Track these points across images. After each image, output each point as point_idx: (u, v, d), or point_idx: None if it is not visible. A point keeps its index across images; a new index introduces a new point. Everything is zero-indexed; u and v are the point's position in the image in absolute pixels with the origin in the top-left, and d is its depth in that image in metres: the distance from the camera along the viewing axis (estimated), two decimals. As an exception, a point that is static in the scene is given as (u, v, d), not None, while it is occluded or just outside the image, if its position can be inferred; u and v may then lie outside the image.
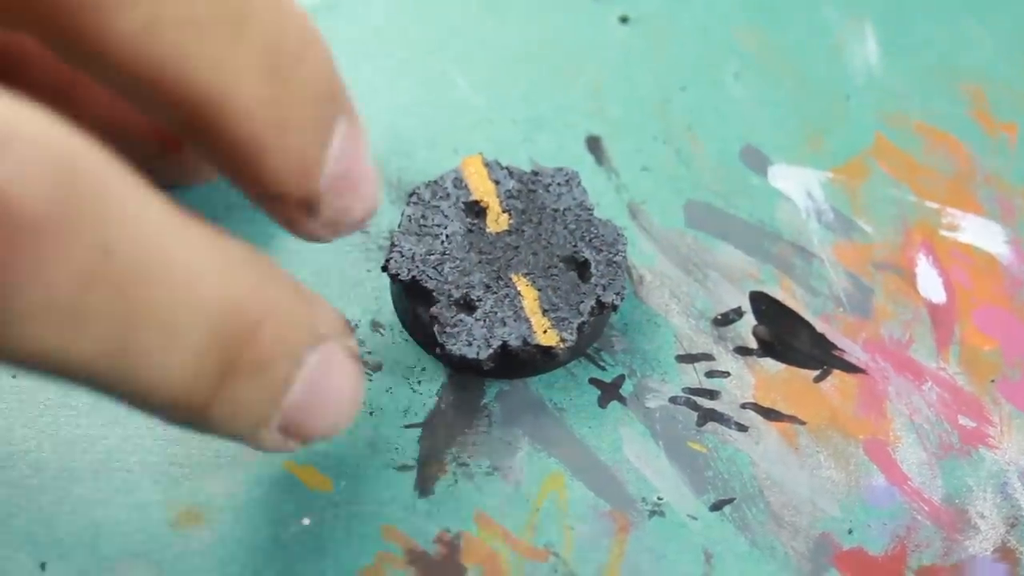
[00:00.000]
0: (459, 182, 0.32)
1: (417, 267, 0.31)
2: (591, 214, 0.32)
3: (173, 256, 0.21)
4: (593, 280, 0.31)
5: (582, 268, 0.32)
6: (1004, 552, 0.30)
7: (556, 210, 0.32)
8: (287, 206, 0.25)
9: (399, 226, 0.31)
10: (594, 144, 0.36)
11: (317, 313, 0.24)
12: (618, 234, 0.32)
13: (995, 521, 0.30)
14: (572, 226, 0.32)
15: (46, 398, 0.30)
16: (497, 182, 0.33)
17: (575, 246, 0.32)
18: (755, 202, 0.36)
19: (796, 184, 0.36)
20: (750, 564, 0.29)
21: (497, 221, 0.32)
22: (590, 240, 0.32)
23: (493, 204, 0.32)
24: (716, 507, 0.30)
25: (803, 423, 0.32)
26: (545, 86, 0.37)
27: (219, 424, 0.23)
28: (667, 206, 0.35)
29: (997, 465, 0.31)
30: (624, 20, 0.39)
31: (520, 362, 0.31)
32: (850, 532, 0.30)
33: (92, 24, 0.21)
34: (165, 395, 0.22)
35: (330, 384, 0.24)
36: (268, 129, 0.23)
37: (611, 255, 0.32)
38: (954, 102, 0.38)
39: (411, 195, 0.32)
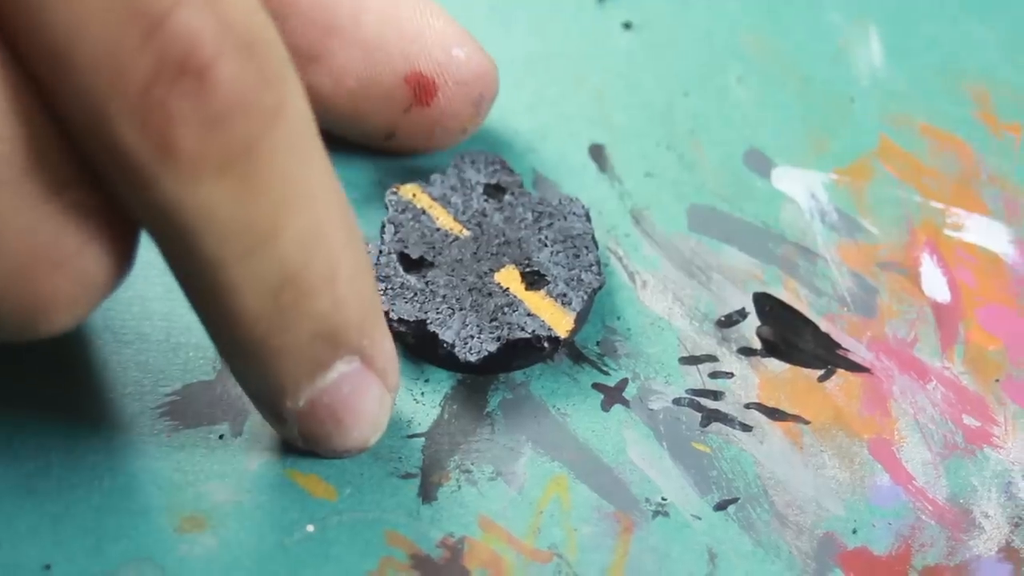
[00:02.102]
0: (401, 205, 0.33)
1: (417, 323, 0.31)
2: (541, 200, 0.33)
3: None
4: (563, 269, 0.32)
5: (546, 264, 0.32)
6: (1009, 552, 0.30)
7: (502, 206, 0.33)
8: (257, 403, 0.27)
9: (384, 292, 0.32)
10: (597, 152, 0.36)
11: None
12: (574, 212, 0.33)
13: (1000, 521, 0.30)
14: (529, 217, 0.33)
15: (52, 401, 0.30)
16: (437, 197, 0.33)
17: (537, 239, 0.32)
18: (759, 204, 0.36)
19: (800, 186, 0.36)
20: (754, 564, 0.29)
21: (460, 233, 0.33)
22: (548, 225, 0.33)
23: (446, 219, 0.33)
24: (720, 507, 0.30)
25: (807, 423, 0.32)
26: (548, 93, 0.38)
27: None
28: (670, 211, 0.35)
29: (1002, 465, 0.31)
30: (627, 26, 0.40)
31: (522, 352, 0.31)
32: (854, 532, 0.30)
33: (137, 181, 0.22)
34: None
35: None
36: (250, 339, 0.24)
37: (573, 238, 0.32)
38: (959, 103, 0.38)
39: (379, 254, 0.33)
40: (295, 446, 0.29)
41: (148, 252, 0.24)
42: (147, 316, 0.32)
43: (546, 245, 0.32)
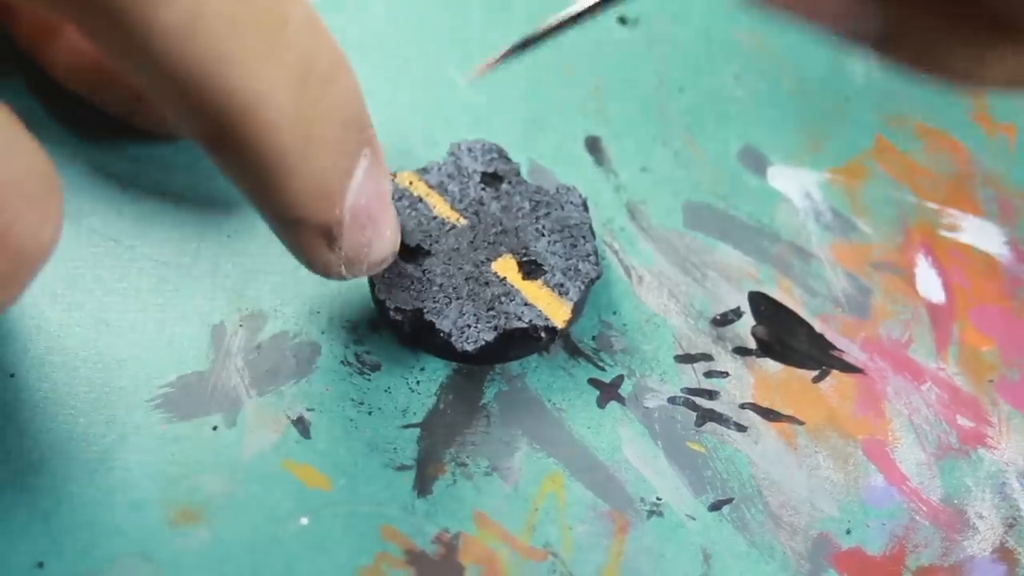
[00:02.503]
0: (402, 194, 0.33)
1: (414, 311, 0.31)
2: (538, 188, 0.33)
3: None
4: (560, 260, 0.32)
5: (544, 254, 0.32)
6: (1003, 552, 0.30)
7: (499, 195, 0.33)
8: (307, 232, 0.25)
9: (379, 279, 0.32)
10: (593, 144, 0.36)
11: None
12: (571, 201, 0.33)
13: (993, 521, 0.30)
14: (526, 206, 0.33)
15: (44, 397, 0.30)
16: (434, 185, 0.33)
17: (535, 228, 0.32)
18: (754, 202, 0.36)
19: (795, 184, 0.36)
20: (748, 564, 0.29)
21: (458, 221, 0.32)
22: (545, 215, 0.32)
23: (443, 207, 0.32)
24: (715, 507, 0.30)
25: (802, 423, 0.32)
26: (545, 86, 0.37)
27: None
28: (666, 206, 0.35)
29: (995, 465, 0.31)
30: (623, 21, 0.39)
31: (519, 342, 0.31)
32: (848, 532, 0.30)
33: (138, 13, 0.21)
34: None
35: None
36: (295, 144, 0.23)
37: (570, 227, 0.32)
38: (953, 104, 0.38)
39: None
40: (333, 275, 0.27)
41: (144, 246, 0.24)
42: (141, 308, 0.31)
43: (543, 235, 0.32)
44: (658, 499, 0.30)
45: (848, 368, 0.33)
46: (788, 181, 0.36)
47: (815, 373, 0.33)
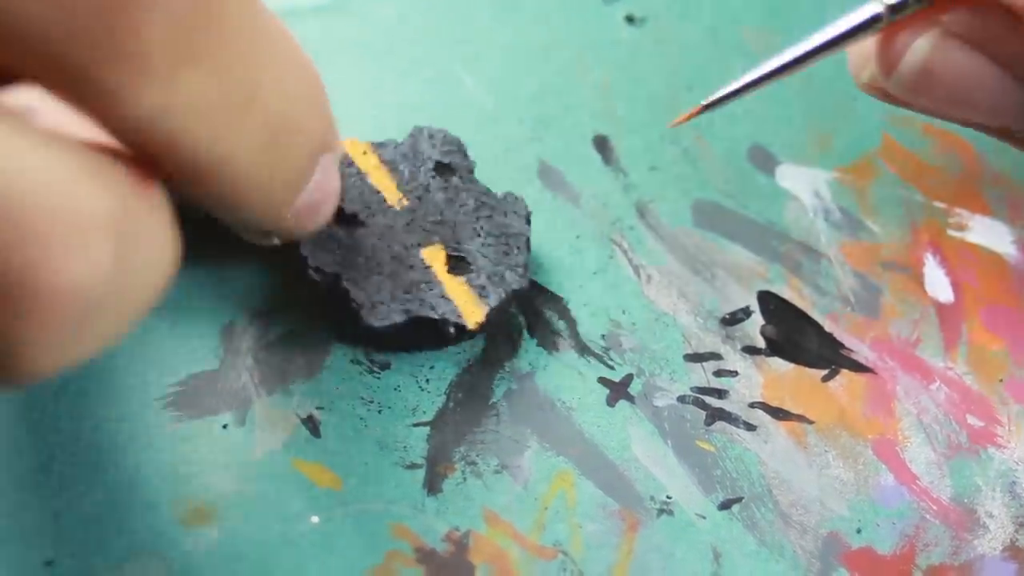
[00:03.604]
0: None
1: (333, 275, 0.31)
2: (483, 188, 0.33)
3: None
4: (490, 262, 0.32)
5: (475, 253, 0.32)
6: (1013, 551, 0.30)
7: (447, 187, 0.33)
8: (251, 231, 0.27)
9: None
10: (602, 143, 0.36)
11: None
12: (516, 211, 0.33)
13: (1004, 520, 0.30)
14: (471, 204, 0.33)
15: (53, 395, 0.30)
16: (386, 160, 0.33)
17: (472, 227, 0.32)
18: (763, 202, 0.36)
19: (803, 184, 0.36)
20: (759, 563, 0.29)
21: (399, 201, 0.32)
22: (487, 217, 0.32)
23: (388, 185, 0.32)
24: (724, 506, 0.30)
25: (811, 422, 0.32)
26: (553, 85, 0.37)
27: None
28: (675, 205, 0.35)
29: (1006, 464, 0.31)
30: (631, 20, 0.39)
31: (427, 332, 0.31)
32: (859, 531, 0.30)
33: (107, 102, 0.21)
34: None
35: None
36: (256, 189, 0.24)
37: (508, 235, 0.32)
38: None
39: None
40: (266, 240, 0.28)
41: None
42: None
43: (479, 235, 0.32)
44: (668, 498, 0.30)
45: (858, 367, 0.33)
46: (797, 180, 0.36)
47: (825, 372, 0.33)
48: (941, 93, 0.30)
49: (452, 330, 0.31)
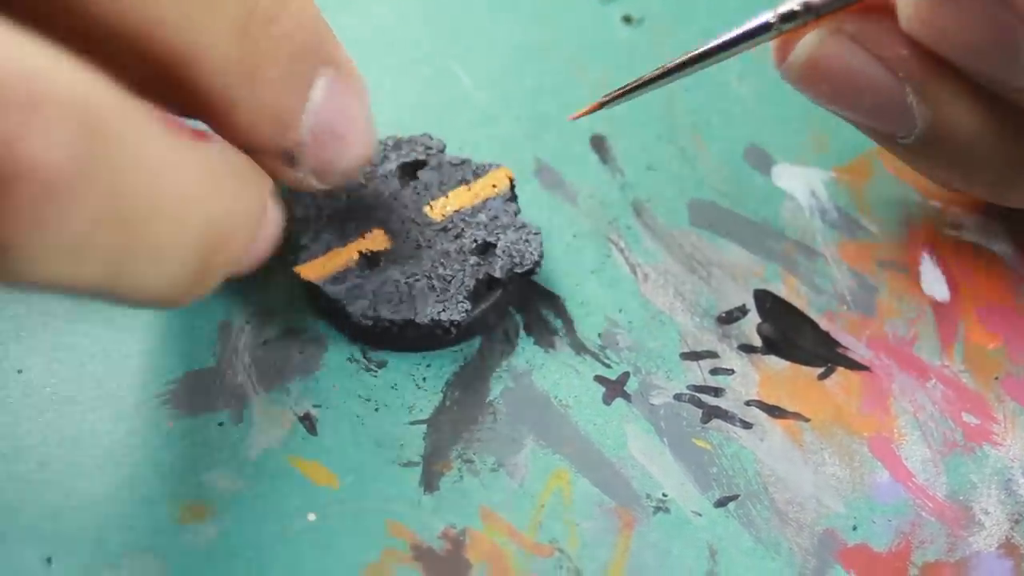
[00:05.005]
0: None
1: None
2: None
3: (170, 190, 0.22)
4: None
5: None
6: (1009, 548, 0.30)
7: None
8: (267, 156, 0.26)
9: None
10: (598, 143, 0.36)
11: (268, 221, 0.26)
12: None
13: (999, 517, 0.30)
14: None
15: (52, 393, 0.30)
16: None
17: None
18: (759, 201, 0.36)
19: (800, 183, 0.36)
20: (755, 560, 0.29)
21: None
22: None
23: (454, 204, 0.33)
24: (721, 503, 0.30)
25: (807, 420, 0.32)
26: (550, 85, 0.37)
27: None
28: (672, 205, 0.35)
29: (1001, 462, 0.31)
30: (628, 20, 0.39)
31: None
32: (854, 528, 0.30)
33: None
34: (151, 298, 0.23)
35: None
36: (238, 85, 0.24)
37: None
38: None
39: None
40: (312, 187, 0.28)
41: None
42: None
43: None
44: (664, 495, 0.30)
45: (854, 365, 0.33)
46: (793, 179, 0.36)
47: (821, 370, 0.33)
48: (826, 87, 0.31)
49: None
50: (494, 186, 0.33)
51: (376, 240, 0.32)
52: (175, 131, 0.22)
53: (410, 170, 0.33)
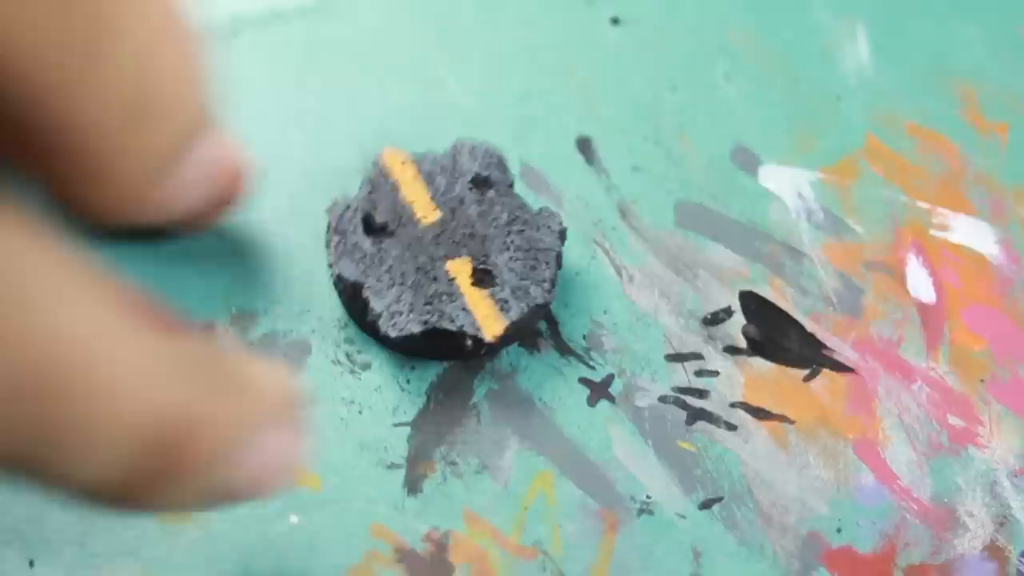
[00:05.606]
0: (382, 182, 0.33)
1: (354, 284, 0.31)
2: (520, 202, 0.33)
3: (106, 373, 0.19)
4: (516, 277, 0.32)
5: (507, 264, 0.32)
6: (993, 550, 0.30)
7: (482, 200, 0.33)
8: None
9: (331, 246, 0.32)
10: (584, 145, 0.36)
11: (254, 401, 0.23)
12: (549, 226, 0.32)
13: (984, 520, 0.30)
14: (503, 218, 0.33)
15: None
16: (422, 173, 0.33)
17: (502, 241, 0.32)
18: (745, 202, 0.36)
19: (787, 184, 0.36)
20: (739, 563, 0.29)
21: (426, 214, 0.32)
22: (518, 232, 0.32)
23: (421, 198, 0.32)
24: (705, 506, 0.30)
25: (792, 422, 0.32)
26: (536, 87, 0.37)
27: (146, 508, 0.22)
28: (657, 206, 0.35)
29: (986, 464, 0.31)
30: (615, 21, 0.39)
31: (451, 347, 0.31)
32: (839, 531, 0.30)
33: None
34: (80, 485, 0.21)
35: (265, 463, 0.23)
36: (115, 160, 0.23)
37: (538, 250, 0.32)
38: (945, 102, 0.38)
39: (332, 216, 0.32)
40: None
41: (132, 245, 0.24)
42: (131, 305, 0.31)
43: (508, 249, 0.32)
44: (648, 497, 0.30)
45: (839, 367, 0.33)
46: (780, 181, 0.36)
47: (806, 372, 0.33)
48: None
49: (469, 343, 0.31)
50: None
51: (462, 264, 0.32)
52: (126, 308, 0.20)
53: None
